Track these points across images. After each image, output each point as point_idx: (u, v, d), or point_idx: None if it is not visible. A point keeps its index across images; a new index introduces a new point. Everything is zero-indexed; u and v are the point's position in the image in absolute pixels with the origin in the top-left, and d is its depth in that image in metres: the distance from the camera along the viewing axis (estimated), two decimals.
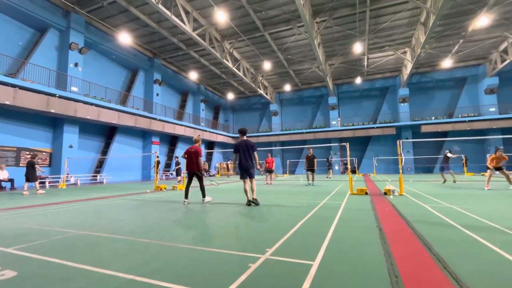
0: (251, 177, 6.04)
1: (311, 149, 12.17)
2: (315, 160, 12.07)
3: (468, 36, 18.80)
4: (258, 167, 6.42)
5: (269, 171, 13.26)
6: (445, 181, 11.79)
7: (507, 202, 5.81)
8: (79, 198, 8.14)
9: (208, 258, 2.51)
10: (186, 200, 6.43)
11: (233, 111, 36.29)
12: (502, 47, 20.79)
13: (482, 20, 15.63)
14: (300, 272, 2.13)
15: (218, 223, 4.20)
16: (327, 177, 19.45)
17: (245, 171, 6.02)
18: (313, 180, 11.91)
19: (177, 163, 14.25)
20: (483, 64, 24.20)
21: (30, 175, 9.70)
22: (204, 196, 6.57)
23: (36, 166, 9.89)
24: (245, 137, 6.17)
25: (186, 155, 6.56)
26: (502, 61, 20.96)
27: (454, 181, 11.49)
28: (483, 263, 2.29)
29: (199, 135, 7.14)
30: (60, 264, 2.42)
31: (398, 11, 16.24)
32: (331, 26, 17.78)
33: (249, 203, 5.91)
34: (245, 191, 6.02)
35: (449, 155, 11.59)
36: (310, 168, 12.00)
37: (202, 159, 6.71)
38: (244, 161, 5.97)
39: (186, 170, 6.63)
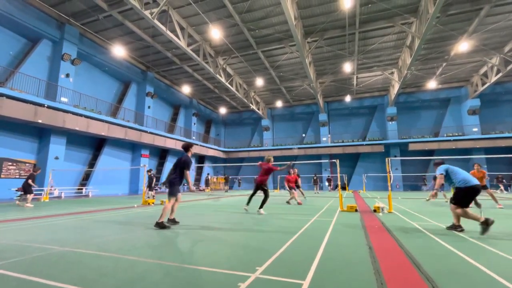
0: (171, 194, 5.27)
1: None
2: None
3: (451, 60, 19.86)
4: (192, 187, 5.65)
5: (292, 187, 11.45)
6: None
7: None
8: (62, 212, 7.83)
9: (196, 277, 2.44)
10: (246, 207, 7.71)
11: (225, 126, 36.39)
12: (482, 71, 22.00)
13: (463, 45, 16.57)
14: None
15: (207, 240, 4.11)
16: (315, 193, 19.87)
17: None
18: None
19: (151, 177, 13.43)
20: (465, 86, 25.39)
21: (26, 188, 9.58)
22: (261, 207, 7.33)
23: (29, 181, 9.60)
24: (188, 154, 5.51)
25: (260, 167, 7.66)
26: (483, 84, 22.09)
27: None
28: (469, 282, 2.31)
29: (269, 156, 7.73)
30: (40, 283, 2.30)
31: (386, 34, 17.06)
32: (321, 46, 18.45)
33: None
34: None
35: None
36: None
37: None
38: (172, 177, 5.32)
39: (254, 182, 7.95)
